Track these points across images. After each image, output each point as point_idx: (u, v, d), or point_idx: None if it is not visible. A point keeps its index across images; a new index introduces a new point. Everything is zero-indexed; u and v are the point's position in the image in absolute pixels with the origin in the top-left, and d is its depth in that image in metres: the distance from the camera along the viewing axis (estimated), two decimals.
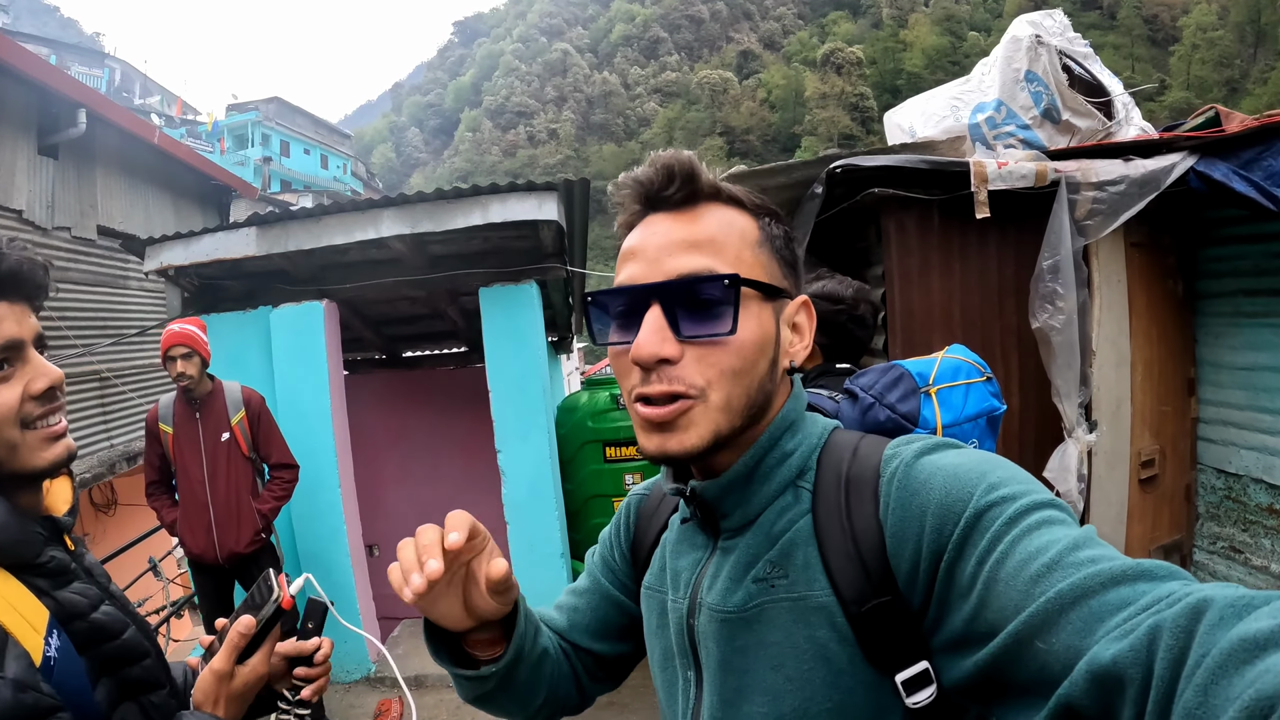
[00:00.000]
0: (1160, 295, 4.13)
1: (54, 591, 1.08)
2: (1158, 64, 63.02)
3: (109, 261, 7.94)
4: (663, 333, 0.83)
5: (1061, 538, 0.66)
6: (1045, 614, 0.61)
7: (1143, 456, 4.06)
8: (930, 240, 3.76)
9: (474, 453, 6.15)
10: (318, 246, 4.75)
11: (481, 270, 5.05)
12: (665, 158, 0.88)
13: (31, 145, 6.87)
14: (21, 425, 1.06)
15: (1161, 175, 3.49)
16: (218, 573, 4.08)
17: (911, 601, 0.77)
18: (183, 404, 4.03)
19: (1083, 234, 3.53)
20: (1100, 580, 0.60)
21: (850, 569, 0.80)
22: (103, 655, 1.11)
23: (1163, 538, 4.27)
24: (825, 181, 3.67)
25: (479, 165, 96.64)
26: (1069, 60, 4.08)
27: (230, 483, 4.01)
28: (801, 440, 0.92)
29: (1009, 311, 3.82)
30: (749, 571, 0.88)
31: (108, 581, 1.22)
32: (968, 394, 1.76)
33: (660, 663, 1.03)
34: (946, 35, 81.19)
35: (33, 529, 1.08)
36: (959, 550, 0.72)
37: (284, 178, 41.92)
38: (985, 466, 0.77)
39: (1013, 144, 3.99)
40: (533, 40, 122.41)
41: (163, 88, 52.79)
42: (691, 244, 0.85)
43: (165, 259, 4.92)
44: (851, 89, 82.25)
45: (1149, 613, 0.55)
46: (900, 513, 0.78)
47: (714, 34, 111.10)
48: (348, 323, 6.02)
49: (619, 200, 0.93)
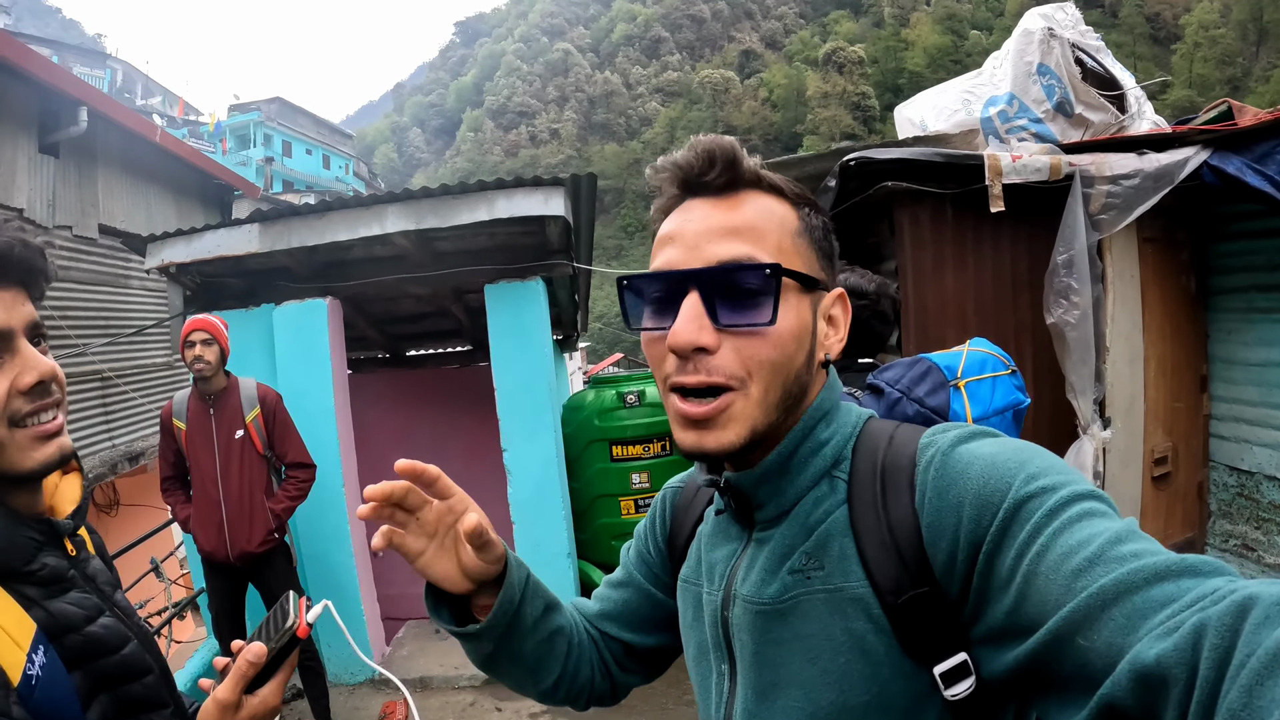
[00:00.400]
0: (1173, 291, 4.11)
1: (45, 602, 0.99)
2: (1160, 62, 62.81)
3: (110, 260, 7.92)
4: (700, 320, 0.81)
5: (1103, 530, 0.64)
6: (1087, 610, 0.59)
7: (1156, 454, 4.05)
8: (944, 234, 3.74)
9: (479, 453, 6.12)
10: (321, 243, 4.71)
11: (487, 267, 5.02)
12: (706, 142, 0.86)
13: (32, 143, 6.85)
14: (9, 423, 0.97)
15: (1175, 169, 3.48)
16: (229, 571, 4.03)
17: (949, 591, 0.75)
18: (197, 400, 3.99)
19: (1097, 228, 3.51)
20: (1144, 576, 0.58)
21: (886, 559, 0.79)
22: (99, 671, 1.03)
23: (1175, 535, 4.24)
24: (839, 175, 3.65)
25: (481, 165, 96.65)
26: (1081, 53, 4.06)
27: (243, 480, 3.96)
28: (836, 430, 0.91)
29: (1023, 306, 3.80)
30: (784, 563, 0.87)
31: (113, 590, 1.14)
32: (995, 387, 1.74)
33: (695, 656, 1.02)
34: (948, 34, 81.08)
35: (24, 533, 1.00)
36: (998, 542, 0.70)
37: (286, 178, 41.98)
38: (1024, 455, 0.75)
39: (1025, 137, 3.97)
40: (534, 40, 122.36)
41: (165, 88, 52.86)
42: (732, 230, 0.83)
43: (167, 256, 4.88)
44: (853, 88, 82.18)
45: (1193, 610, 0.53)
46: (937, 502, 0.77)
47: (715, 33, 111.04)
48: (351, 321, 5.99)
49: (656, 184, 0.91)
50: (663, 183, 0.90)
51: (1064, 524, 0.66)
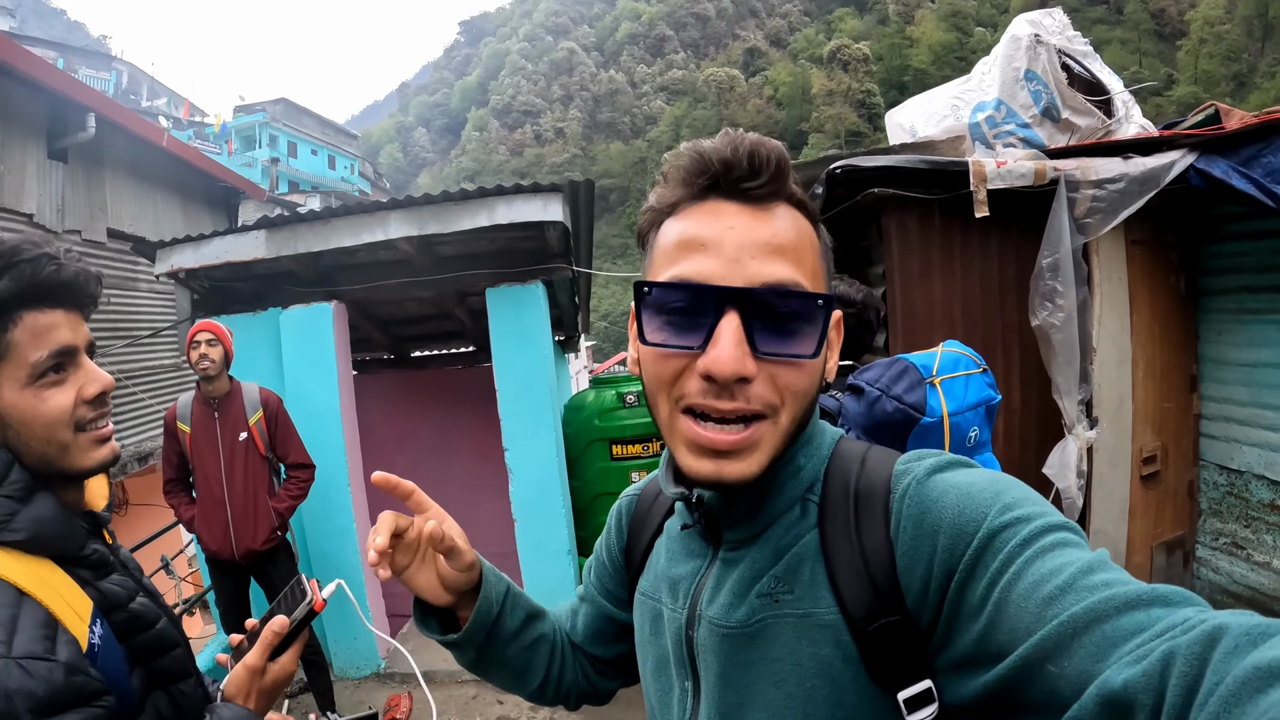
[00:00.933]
0: (1163, 292, 4.16)
1: (96, 582, 1.13)
2: (1165, 58, 62.66)
3: (118, 264, 8.00)
4: (743, 347, 0.74)
5: (1075, 560, 0.64)
6: (1058, 637, 0.59)
7: (1145, 453, 4.10)
8: (931, 239, 3.80)
9: (483, 451, 6.19)
10: (326, 248, 4.79)
11: (488, 271, 5.10)
12: (752, 142, 0.79)
13: (41, 149, 6.94)
14: (75, 428, 1.12)
15: (1161, 173, 3.53)
16: (234, 569, 4.14)
17: (920, 620, 0.74)
18: (201, 403, 4.08)
19: (1082, 232, 3.56)
20: (1115, 605, 0.59)
21: (858, 586, 0.78)
22: (138, 645, 1.16)
23: (1165, 534, 4.30)
24: (826, 182, 3.70)
25: (486, 164, 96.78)
26: (1068, 59, 4.11)
27: (247, 481, 4.06)
28: (814, 452, 0.88)
29: (1010, 309, 3.86)
30: (753, 586, 0.85)
31: (141, 575, 1.28)
32: (968, 384, 1.82)
33: (654, 671, 0.99)
34: (953, 31, 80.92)
35: (76, 524, 1.13)
36: (970, 570, 0.70)
37: (292, 178, 42.09)
38: (999, 486, 0.75)
39: (1013, 143, 4.02)
40: (539, 39, 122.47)
41: (170, 90, 53.14)
42: (776, 249, 0.77)
43: (176, 262, 4.97)
44: (858, 86, 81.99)
45: (1163, 639, 0.54)
46: (912, 530, 0.76)
47: (720, 32, 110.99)
48: (356, 323, 6.07)
49: (670, 168, 0.83)
50: (683, 172, 0.81)
51: (1036, 553, 0.66)
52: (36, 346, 1.08)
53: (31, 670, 0.93)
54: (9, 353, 1.07)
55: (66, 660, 0.97)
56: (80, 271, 1.13)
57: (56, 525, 1.09)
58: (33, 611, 1.00)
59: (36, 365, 1.08)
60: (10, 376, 1.07)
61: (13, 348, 1.07)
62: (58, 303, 1.11)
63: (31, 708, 0.91)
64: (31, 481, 1.09)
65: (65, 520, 1.11)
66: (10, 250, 1.07)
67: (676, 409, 0.80)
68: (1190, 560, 4.46)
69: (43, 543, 1.07)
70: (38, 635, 0.97)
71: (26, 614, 0.99)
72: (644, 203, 0.89)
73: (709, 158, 0.78)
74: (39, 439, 1.10)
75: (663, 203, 0.83)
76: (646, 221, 0.87)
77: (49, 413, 1.10)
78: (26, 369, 1.08)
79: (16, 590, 1.01)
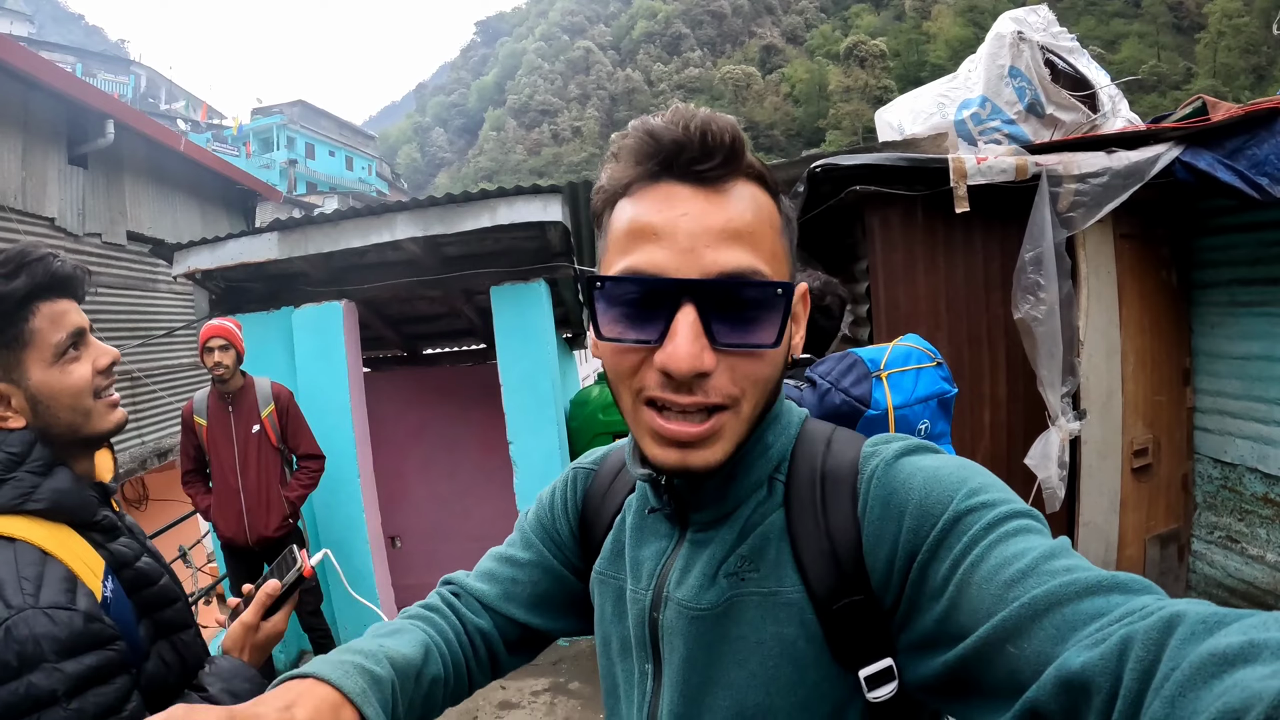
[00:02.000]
0: (1153, 286, 4.19)
1: (107, 544, 1.28)
2: (1184, 52, 61.77)
3: (139, 265, 8.18)
4: (701, 340, 0.72)
5: (1038, 546, 0.65)
6: (1018, 619, 0.60)
7: (1135, 446, 4.13)
8: (914, 235, 3.86)
9: (491, 446, 6.29)
10: (336, 249, 4.94)
11: (493, 270, 5.22)
12: (703, 119, 0.74)
13: (62, 155, 7.12)
14: (94, 395, 1.30)
15: (1145, 166, 3.56)
16: (248, 555, 4.33)
17: (883, 600, 0.75)
18: (216, 398, 4.27)
19: (1066, 226, 3.61)
20: (1075, 589, 0.59)
21: (823, 566, 0.78)
22: (144, 599, 1.31)
23: (1159, 527, 4.33)
24: (808, 180, 3.78)
25: (503, 164, 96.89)
26: (1052, 55, 4.16)
27: (260, 472, 4.25)
28: (781, 432, 0.88)
29: (994, 303, 3.91)
30: (721, 567, 0.84)
31: (145, 538, 1.43)
32: (918, 378, 1.88)
33: (616, 651, 0.98)
34: (970, 26, 79.77)
35: (89, 493, 1.29)
36: (934, 551, 0.70)
37: (309, 180, 42.34)
38: (966, 472, 0.75)
39: (998, 139, 4.08)
40: (555, 38, 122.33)
41: (188, 93, 53.59)
42: (732, 234, 0.73)
43: (192, 263, 5.13)
44: (875, 82, 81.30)
45: (1121, 624, 0.55)
46: (879, 511, 0.76)
47: (736, 29, 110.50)
48: (368, 322, 6.20)
49: (621, 148, 0.79)
50: (634, 151, 0.77)
51: (1000, 537, 0.67)
52: (56, 330, 1.26)
53: (55, 618, 1.07)
54: (34, 338, 1.24)
55: (85, 609, 1.12)
56: (77, 266, 1.31)
57: (73, 495, 1.24)
58: (55, 569, 1.15)
59: (59, 345, 1.26)
60: (37, 359, 1.24)
61: (36, 334, 1.24)
62: (64, 293, 1.29)
63: (56, 649, 1.05)
64: (51, 458, 1.24)
65: (80, 490, 1.26)
66: (21, 253, 1.24)
67: (639, 400, 0.78)
68: (1185, 554, 4.48)
69: (61, 510, 1.22)
70: (60, 589, 1.12)
71: (50, 571, 1.14)
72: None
73: (660, 138, 0.74)
74: (67, 408, 1.27)
75: (615, 183, 0.79)
76: (600, 201, 0.82)
77: (74, 384, 1.27)
78: (51, 350, 1.25)
79: (41, 551, 1.16)
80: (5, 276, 1.21)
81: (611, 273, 0.77)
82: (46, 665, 1.04)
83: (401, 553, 6.71)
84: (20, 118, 6.57)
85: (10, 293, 1.21)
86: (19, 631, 1.04)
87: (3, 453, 1.20)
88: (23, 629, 1.05)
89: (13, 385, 1.23)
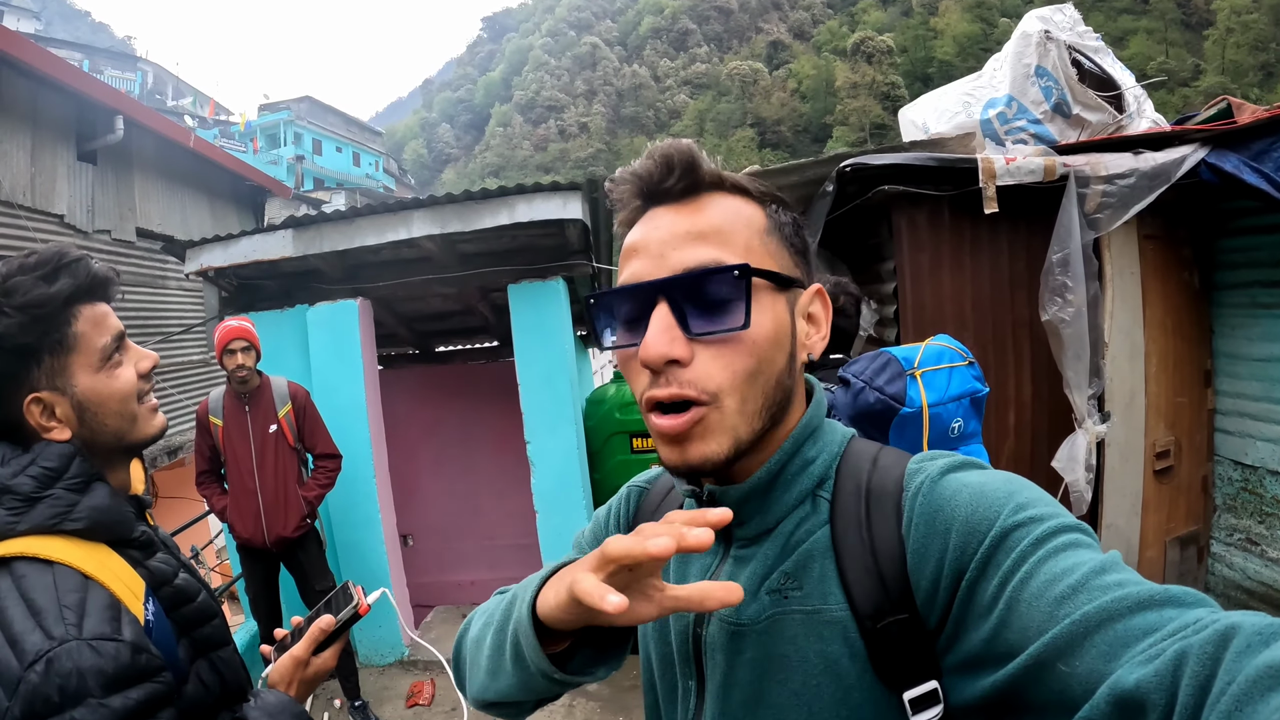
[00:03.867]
0: (1176, 287, 4.15)
1: (145, 561, 1.23)
2: (1192, 48, 61.49)
3: (148, 262, 8.20)
4: (671, 331, 0.78)
5: (1087, 561, 0.65)
6: (1070, 636, 0.60)
7: (1157, 448, 4.10)
8: (941, 235, 3.83)
9: (506, 445, 6.30)
10: (351, 247, 4.91)
11: (510, 268, 5.20)
12: (663, 148, 0.84)
13: (71, 152, 7.15)
14: (138, 399, 1.27)
15: (1172, 168, 3.53)
16: (265, 556, 4.31)
17: (928, 620, 0.75)
18: (232, 397, 4.25)
19: (1093, 227, 3.58)
20: (1127, 605, 0.59)
21: (868, 583, 0.78)
22: (183, 617, 1.26)
23: (1179, 529, 4.29)
24: (835, 180, 3.75)
25: (510, 160, 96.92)
26: (1079, 55, 4.12)
27: (277, 471, 4.23)
28: (823, 448, 0.88)
29: (1020, 305, 3.88)
30: (764, 583, 0.84)
31: (178, 552, 1.38)
32: (951, 376, 1.88)
33: (659, 668, 0.99)
34: (977, 22, 79.73)
35: (127, 509, 1.23)
36: (982, 569, 0.70)
37: (317, 175, 42.47)
38: (1012, 486, 0.75)
39: (1024, 139, 4.04)
40: (561, 34, 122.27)
41: (195, 89, 53.67)
42: (697, 235, 0.80)
43: (205, 261, 5.11)
44: (882, 78, 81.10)
45: (1175, 639, 0.54)
46: (924, 528, 0.76)
47: (743, 25, 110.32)
48: (382, 320, 6.18)
49: (617, 197, 0.88)
50: (624, 195, 0.87)
51: (1048, 553, 0.67)
52: (100, 334, 1.22)
53: (101, 650, 1.01)
54: (78, 343, 1.19)
55: (131, 640, 1.06)
56: (108, 268, 1.27)
57: (112, 512, 1.18)
58: (98, 595, 1.09)
59: (105, 350, 1.22)
60: (83, 365, 1.20)
61: (80, 338, 1.20)
62: (101, 295, 1.25)
63: (102, 684, 0.99)
64: (90, 473, 1.18)
65: (118, 506, 1.20)
66: (57, 254, 1.20)
67: (646, 407, 0.82)
68: (1204, 556, 4.44)
69: (100, 529, 1.17)
70: (105, 617, 1.06)
71: (93, 597, 1.08)
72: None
73: (638, 174, 0.85)
74: (114, 414, 1.23)
75: (621, 225, 0.89)
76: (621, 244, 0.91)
77: (122, 389, 1.23)
78: (97, 354, 1.21)
79: (82, 575, 1.10)
80: (45, 278, 1.16)
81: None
82: (91, 701, 0.98)
83: (414, 551, 6.70)
84: (29, 114, 6.59)
85: (54, 295, 1.16)
86: (62, 665, 0.98)
87: (38, 468, 1.14)
88: (65, 662, 0.98)
89: (57, 393, 1.18)
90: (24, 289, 1.15)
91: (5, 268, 1.17)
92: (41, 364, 1.17)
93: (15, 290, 1.14)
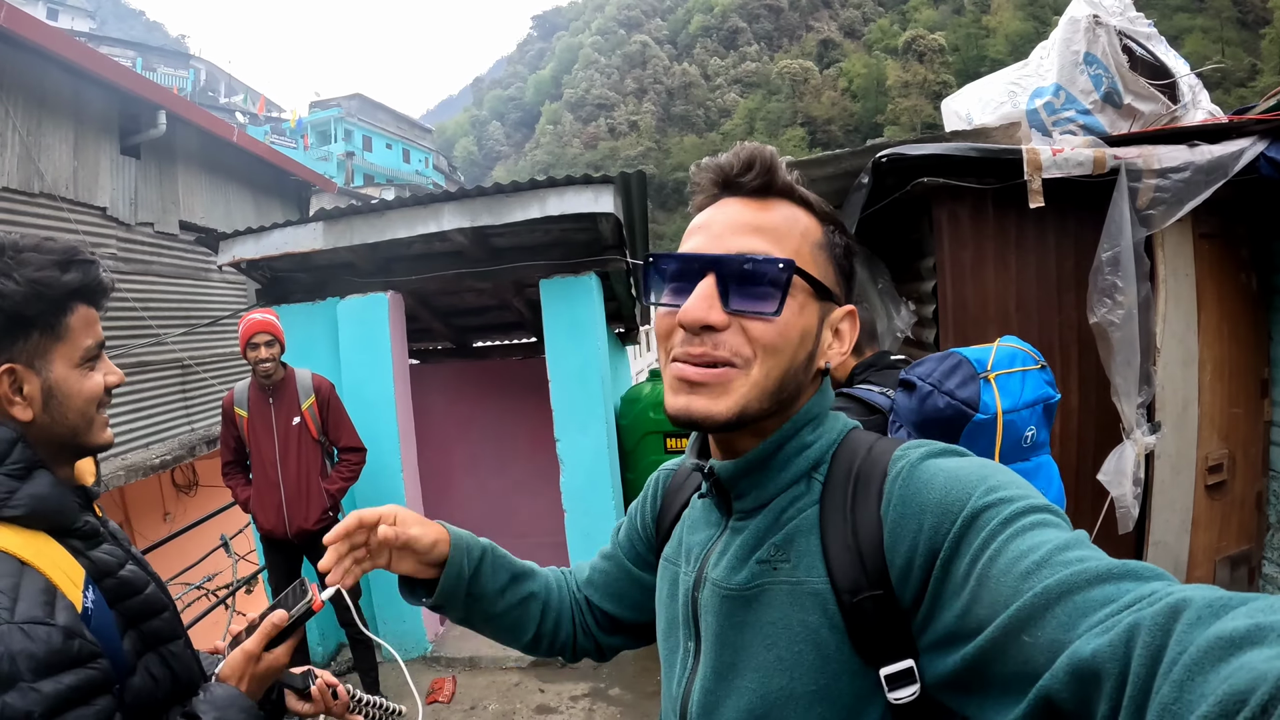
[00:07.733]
0: (1232, 290, 3.93)
1: (88, 551, 1.24)
2: (1248, 47, 59.40)
3: (191, 255, 8.31)
4: (711, 300, 0.87)
5: (1053, 538, 0.68)
6: (1032, 608, 0.63)
7: (1210, 461, 3.87)
8: (984, 231, 3.66)
9: (540, 442, 6.26)
10: (381, 240, 4.91)
11: (542, 262, 5.16)
12: (750, 148, 0.94)
13: (114, 146, 7.28)
14: (98, 407, 1.30)
15: (1229, 161, 3.33)
16: (287, 548, 4.33)
17: (902, 598, 0.79)
18: (257, 390, 4.27)
19: (1145, 224, 3.38)
20: (1086, 577, 0.62)
21: (847, 559, 0.83)
22: (129, 609, 1.26)
23: (1230, 548, 4.05)
24: (872, 171, 3.61)
25: (560, 158, 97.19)
26: (1130, 41, 3.90)
27: (300, 464, 4.24)
28: (822, 434, 0.96)
29: (1068, 306, 3.69)
30: (754, 553, 0.92)
31: (128, 545, 1.38)
32: (1025, 380, 1.74)
33: (665, 631, 1.09)
34: (1030, 20, 77.95)
35: (70, 498, 1.24)
36: (955, 548, 0.74)
37: (367, 172, 43.11)
38: (986, 471, 0.80)
39: (1072, 129, 3.84)
40: (611, 33, 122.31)
41: (247, 86, 54.81)
42: (756, 228, 0.91)
43: (237, 253, 5.14)
44: (934, 77, 79.88)
45: (1130, 610, 0.57)
46: (901, 509, 0.81)
47: (793, 23, 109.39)
48: (417, 314, 6.18)
49: (697, 180, 0.98)
50: (704, 180, 0.97)
51: (1016, 531, 0.70)
52: (87, 335, 1.27)
53: (32, 634, 1.02)
54: (67, 335, 1.24)
55: (65, 625, 1.06)
56: (111, 280, 1.34)
57: (53, 500, 1.19)
58: (33, 580, 1.10)
59: (87, 351, 1.27)
60: (65, 356, 1.24)
61: (70, 331, 1.24)
62: (98, 302, 1.30)
63: (33, 668, 1.00)
64: (32, 460, 1.20)
65: (60, 495, 1.21)
66: (72, 249, 1.26)
67: (669, 359, 0.92)
68: (1255, 577, 4.19)
69: (40, 517, 1.17)
70: (38, 601, 1.07)
71: (27, 582, 1.09)
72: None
73: (719, 163, 0.95)
74: (77, 411, 1.26)
75: (694, 208, 0.99)
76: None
77: (90, 390, 1.27)
78: (80, 352, 1.26)
79: (18, 561, 1.11)
80: (59, 265, 1.22)
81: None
82: (22, 685, 0.98)
83: None
84: (71, 109, 6.70)
85: (63, 283, 1.22)
86: None
87: None
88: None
89: (33, 373, 1.21)
90: (38, 265, 1.20)
91: (27, 241, 1.22)
92: (29, 339, 1.20)
93: (29, 264, 1.19)
